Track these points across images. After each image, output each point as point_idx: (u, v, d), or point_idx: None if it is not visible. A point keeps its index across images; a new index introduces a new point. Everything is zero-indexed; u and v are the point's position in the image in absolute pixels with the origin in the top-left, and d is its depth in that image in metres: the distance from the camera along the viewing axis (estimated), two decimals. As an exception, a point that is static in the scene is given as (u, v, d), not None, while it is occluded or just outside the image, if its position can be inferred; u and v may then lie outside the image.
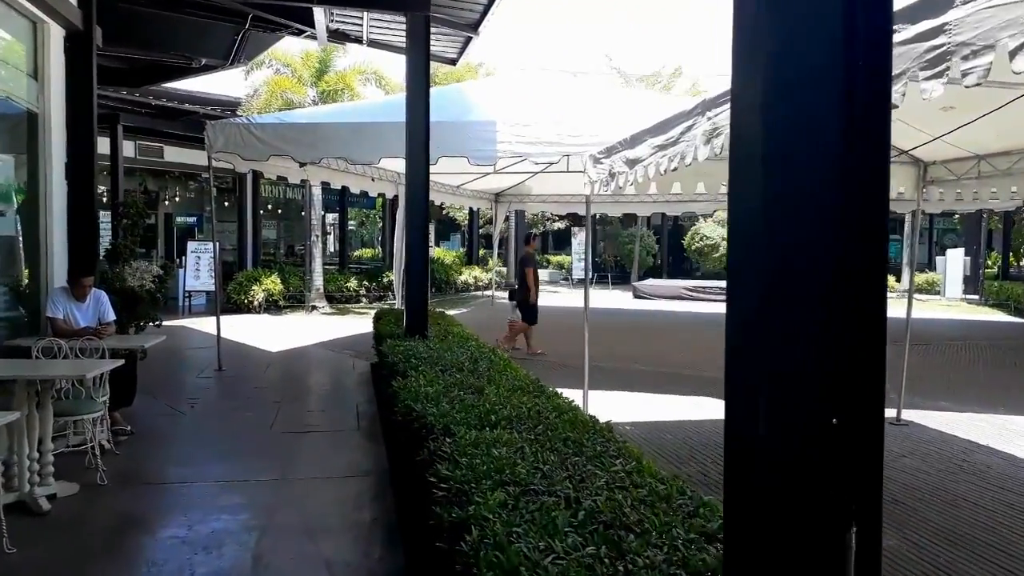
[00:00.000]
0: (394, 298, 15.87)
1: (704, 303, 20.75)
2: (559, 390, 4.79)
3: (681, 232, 32.82)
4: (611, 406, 6.83)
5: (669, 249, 31.46)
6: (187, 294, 16.14)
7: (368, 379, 8.81)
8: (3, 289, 5.86)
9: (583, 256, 27.16)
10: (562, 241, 37.52)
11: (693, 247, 29.02)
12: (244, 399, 7.70)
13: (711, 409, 7.67)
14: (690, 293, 21.87)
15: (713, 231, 28.82)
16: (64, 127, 6.13)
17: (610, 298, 22.77)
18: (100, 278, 7.09)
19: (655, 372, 9.76)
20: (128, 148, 16.80)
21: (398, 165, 13.89)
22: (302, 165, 10.86)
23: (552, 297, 22.86)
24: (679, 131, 4.68)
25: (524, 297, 11.13)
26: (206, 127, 9.16)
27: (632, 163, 5.44)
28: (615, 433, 3.59)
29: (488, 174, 15.18)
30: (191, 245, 16.24)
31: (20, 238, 6.15)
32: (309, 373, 9.42)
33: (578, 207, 19.39)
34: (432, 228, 21.23)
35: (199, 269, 15.99)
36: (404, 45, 10.85)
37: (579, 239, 27.18)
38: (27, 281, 6.19)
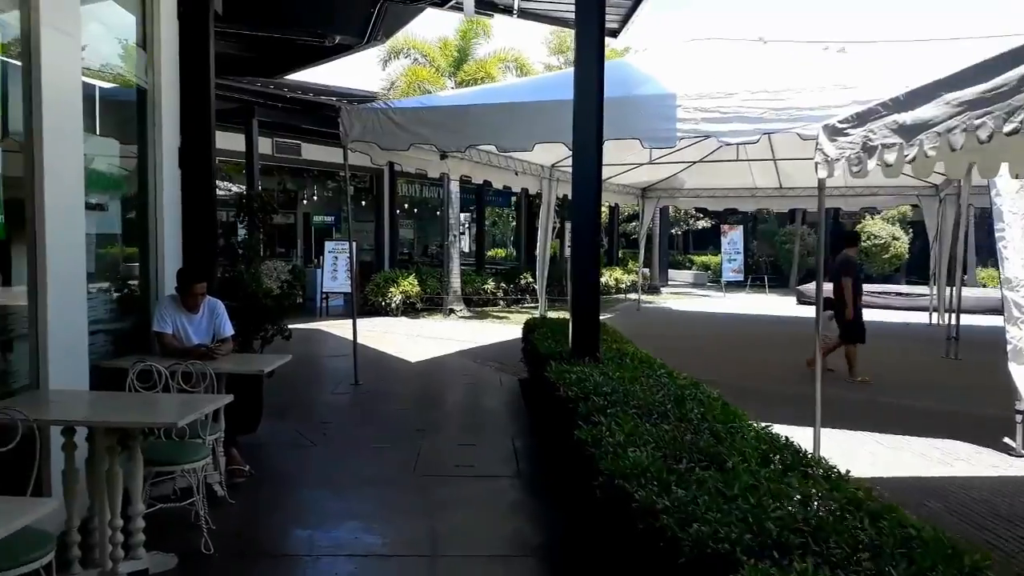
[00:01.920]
0: (534, 302, 14.67)
1: (884, 310, 18.25)
2: (768, 426, 3.62)
3: (841, 229, 29.84)
4: (833, 450, 5.23)
5: (830, 249, 28.56)
6: (324, 295, 15.59)
7: (518, 400, 7.56)
8: (105, 298, 4.98)
9: (734, 257, 25.06)
10: (704, 240, 35.27)
11: (859, 247, 26.09)
12: (382, 424, 6.63)
13: (965, 458, 5.86)
14: (866, 298, 19.29)
15: (882, 229, 25.87)
16: (177, 106, 5.22)
17: (771, 304, 20.59)
18: (231, 281, 6.23)
19: (866, 402, 7.94)
20: (265, 145, 16.49)
21: (545, 157, 12.71)
22: (443, 157, 9.80)
23: (702, 303, 20.98)
24: (1019, 75, 3.07)
25: (841, 311, 9.35)
26: (340, 112, 8.22)
27: (911, 131, 3.83)
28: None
29: (641, 165, 13.66)
30: (328, 245, 15.68)
31: (124, 235, 5.29)
32: (452, 390, 8.29)
33: (736, 202, 17.48)
34: (569, 226, 19.92)
35: (336, 270, 15.40)
36: (557, 15, 9.62)
37: (729, 238, 25.02)
38: (134, 287, 5.31)
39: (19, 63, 3.73)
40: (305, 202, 20.63)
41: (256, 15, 7.19)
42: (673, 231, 30.86)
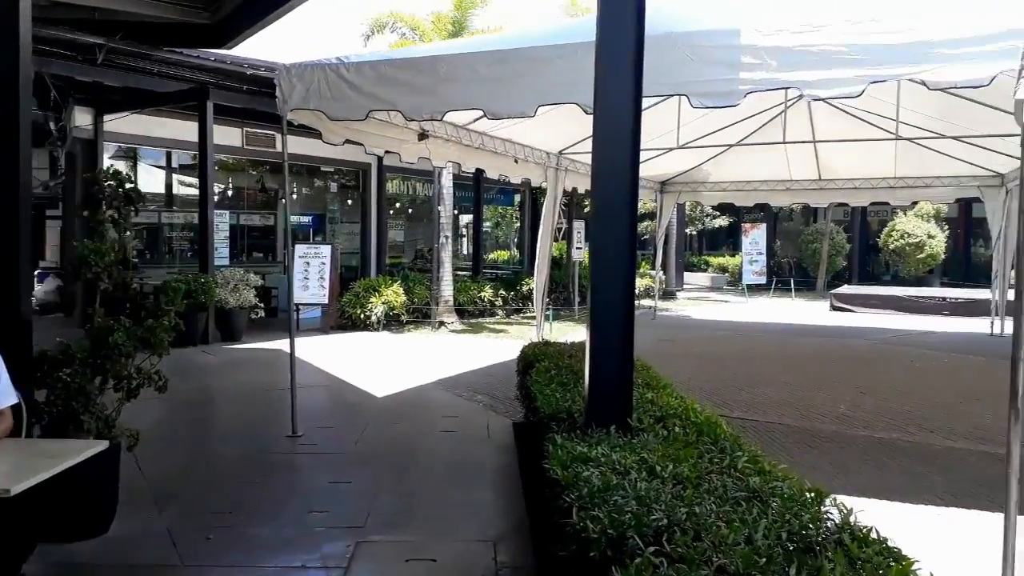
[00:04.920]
0: (533, 312, 12.64)
1: (927, 316, 16.14)
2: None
3: (869, 228, 27.72)
4: (901, 532, 3.24)
5: (859, 249, 26.43)
6: (295, 307, 13.52)
7: (511, 460, 5.49)
8: None
9: (756, 258, 22.92)
10: (719, 240, 33.14)
11: (890, 245, 23.98)
12: (309, 513, 4.56)
13: None
14: (910, 303, 17.21)
15: (916, 227, 23.72)
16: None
17: (802, 311, 18.46)
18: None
19: (943, 450, 5.83)
20: (234, 136, 14.51)
21: (551, 140, 10.61)
22: (423, 136, 7.76)
23: (725, 310, 18.86)
24: None
25: None
26: (277, 73, 6.18)
27: None
28: None
29: (662, 153, 11.54)
30: (299, 249, 13.62)
31: None
32: (422, 446, 6.08)
33: (768, 196, 15.37)
34: (577, 226, 17.83)
35: (308, 277, 13.35)
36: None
37: (751, 237, 22.90)
38: None
39: None
40: (283, 201, 18.61)
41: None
42: (688, 231, 28.73)
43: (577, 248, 17.48)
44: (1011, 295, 13.00)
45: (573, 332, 13.43)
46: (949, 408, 7.24)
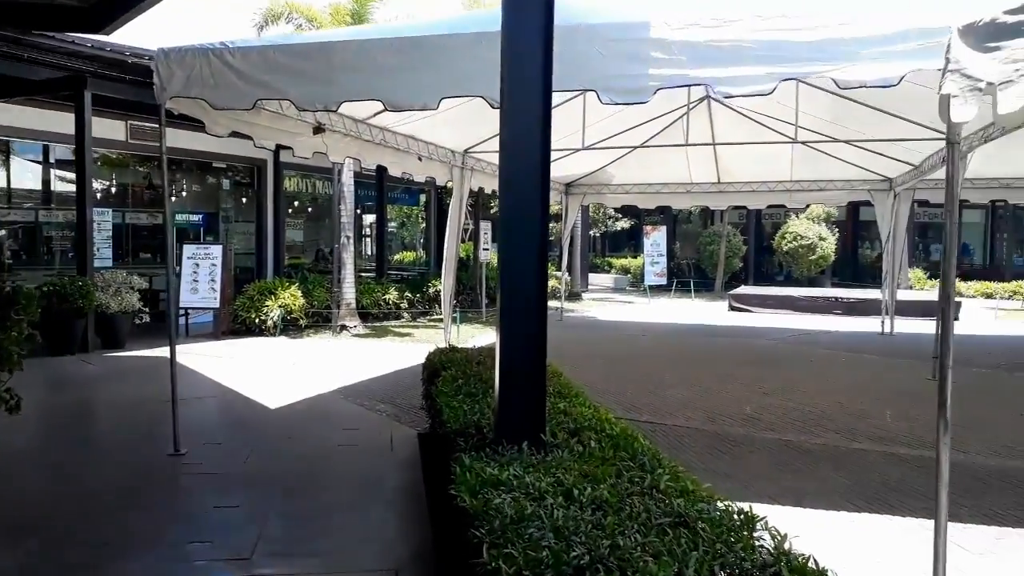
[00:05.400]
0: (440, 314, 12.31)
1: (821, 316, 16.75)
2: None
3: (763, 230, 28.74)
4: (809, 537, 3.18)
5: (754, 250, 27.33)
6: (183, 311, 12.72)
7: (415, 476, 5.16)
8: None
9: (657, 260, 23.28)
10: (621, 242, 33.66)
11: (784, 247, 24.90)
12: (189, 544, 4.09)
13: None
14: (805, 303, 17.81)
15: (808, 229, 24.71)
16: None
17: (702, 311, 18.84)
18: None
19: (848, 452, 5.90)
20: (117, 130, 13.51)
21: (456, 139, 10.29)
22: (319, 130, 7.31)
23: (629, 310, 19.04)
24: None
25: None
26: (154, 58, 5.63)
27: None
28: None
29: (568, 154, 11.42)
30: (187, 249, 12.81)
31: None
32: (318, 461, 5.61)
33: (670, 199, 15.55)
34: (484, 227, 17.58)
35: (197, 280, 12.56)
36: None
37: (652, 239, 23.25)
38: None
39: None
40: (173, 199, 17.53)
41: None
42: (592, 232, 29.00)
43: (484, 249, 17.24)
44: (900, 295, 13.60)
45: (481, 335, 13.18)
46: (849, 407, 7.37)
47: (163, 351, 9.58)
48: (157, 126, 14.11)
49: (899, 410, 7.16)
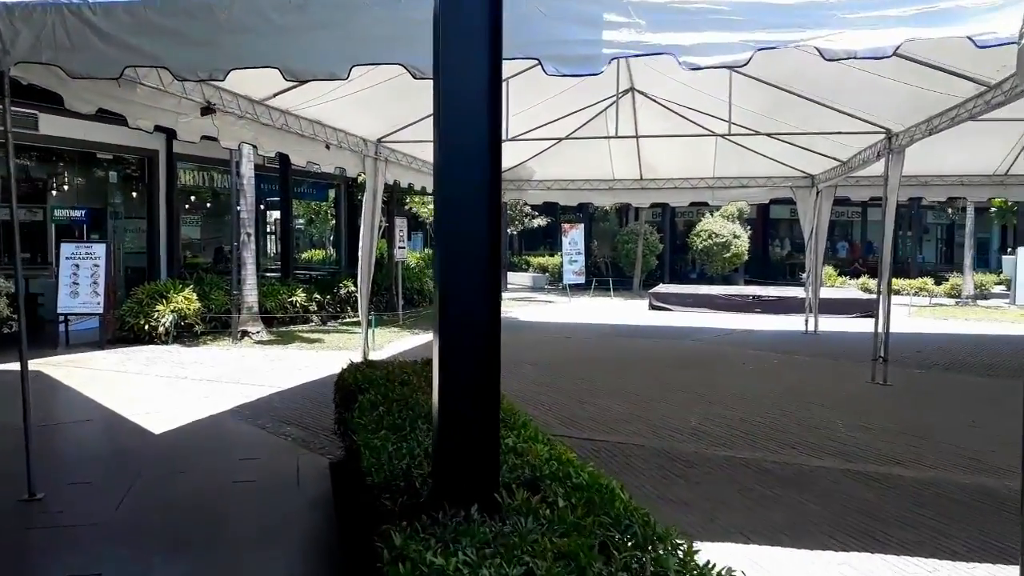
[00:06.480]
0: (358, 316, 11.37)
1: (741, 314, 16.63)
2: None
3: (677, 229, 28.83)
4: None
5: (670, 248, 27.33)
6: (62, 318, 11.32)
7: (327, 511, 4.34)
8: None
9: (575, 258, 22.87)
10: (536, 240, 33.22)
11: (699, 245, 24.94)
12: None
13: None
14: (725, 301, 17.68)
15: (723, 227, 24.83)
16: None
17: (622, 310, 18.48)
18: None
19: (811, 471, 5.42)
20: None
21: (368, 126, 9.35)
22: (208, 111, 6.32)
23: (551, 311, 18.49)
24: None
25: None
26: (-7, 13, 4.57)
27: None
28: None
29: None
30: (66, 248, 11.42)
31: None
32: (209, 505, 4.64)
33: (592, 196, 15.04)
34: (399, 224, 16.64)
35: (78, 283, 11.19)
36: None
37: (570, 237, 22.84)
38: None
39: None
40: (55, 193, 15.84)
41: None
42: (509, 230, 28.38)
43: (400, 247, 16.34)
44: (823, 293, 13.50)
45: (399, 339, 12.31)
46: (797, 417, 6.93)
47: (35, 364, 8.33)
48: (29, 112, 12.65)
49: (850, 419, 6.76)
